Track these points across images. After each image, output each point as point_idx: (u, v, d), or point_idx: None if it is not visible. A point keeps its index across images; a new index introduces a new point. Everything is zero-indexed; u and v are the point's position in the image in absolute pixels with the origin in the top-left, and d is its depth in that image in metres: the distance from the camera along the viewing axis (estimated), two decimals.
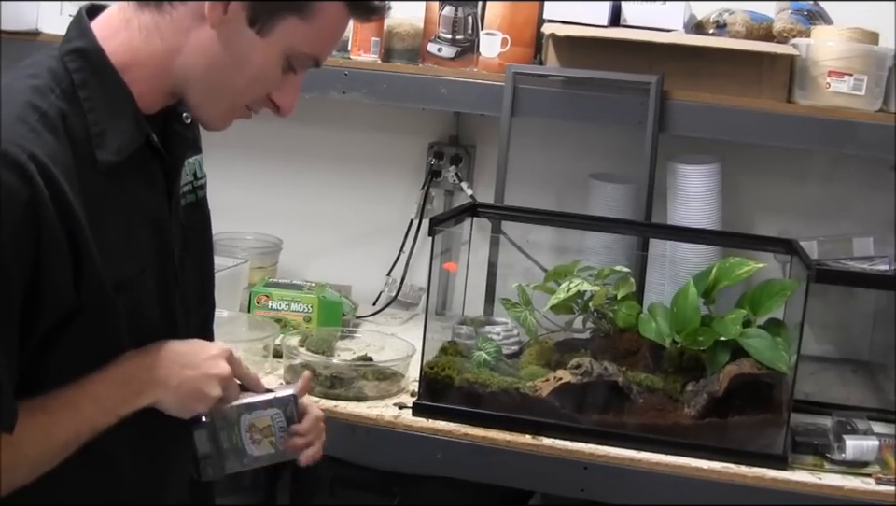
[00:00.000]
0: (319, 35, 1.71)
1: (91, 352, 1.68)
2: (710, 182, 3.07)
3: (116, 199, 1.69)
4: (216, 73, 1.70)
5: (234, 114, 1.79)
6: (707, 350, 2.58)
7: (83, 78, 1.66)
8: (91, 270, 1.61)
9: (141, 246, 1.76)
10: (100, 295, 1.64)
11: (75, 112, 1.64)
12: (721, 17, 3.09)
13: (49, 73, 1.66)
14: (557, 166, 3.46)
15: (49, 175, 1.54)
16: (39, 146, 1.55)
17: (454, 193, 3.58)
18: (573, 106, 3.01)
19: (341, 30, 1.77)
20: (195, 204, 1.97)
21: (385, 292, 3.59)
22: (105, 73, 1.68)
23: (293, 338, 2.91)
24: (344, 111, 3.54)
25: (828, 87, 2.90)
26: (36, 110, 1.59)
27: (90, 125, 1.65)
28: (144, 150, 1.74)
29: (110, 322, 1.68)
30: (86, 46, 1.69)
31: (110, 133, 1.66)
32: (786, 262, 2.92)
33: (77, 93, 1.65)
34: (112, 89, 1.69)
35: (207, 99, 1.74)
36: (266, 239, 3.59)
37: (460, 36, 3.16)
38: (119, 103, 1.69)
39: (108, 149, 1.66)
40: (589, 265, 2.82)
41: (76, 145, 1.62)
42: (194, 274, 1.95)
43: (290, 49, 1.70)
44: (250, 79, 1.71)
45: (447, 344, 2.81)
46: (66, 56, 1.68)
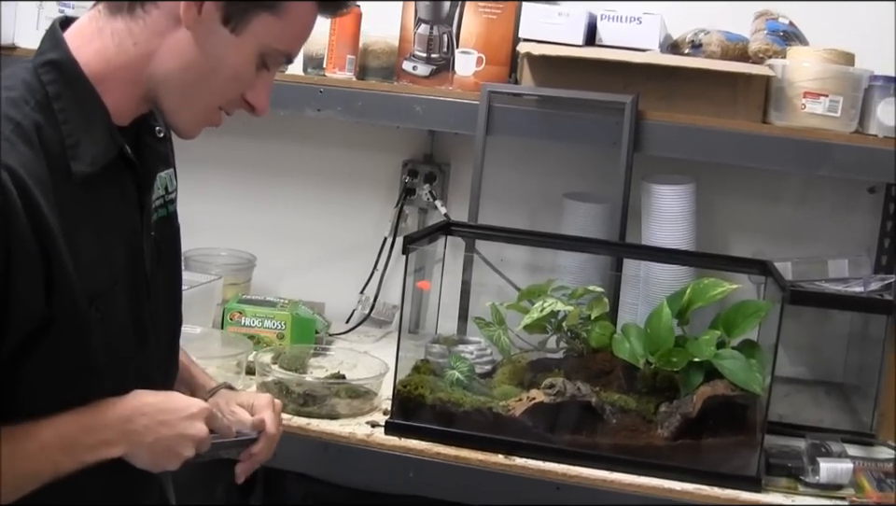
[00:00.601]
0: (291, 30, 1.73)
1: (63, 366, 1.67)
2: (685, 202, 3.07)
3: (90, 211, 1.68)
4: (191, 75, 1.70)
5: (207, 119, 1.78)
6: (680, 371, 2.58)
7: (57, 90, 1.66)
8: (64, 282, 1.60)
9: (114, 259, 1.75)
10: (72, 307, 1.63)
11: (49, 123, 1.64)
12: (696, 37, 3.09)
13: (23, 85, 1.66)
14: (532, 185, 3.46)
15: (23, 186, 1.53)
16: (13, 156, 1.55)
17: (427, 211, 3.58)
18: (548, 126, 3.01)
19: (310, 25, 1.78)
20: (166, 218, 1.97)
21: (358, 310, 3.57)
22: (78, 84, 1.68)
23: (266, 355, 2.90)
24: (319, 128, 3.54)
25: (803, 108, 2.89)
26: (11, 121, 1.59)
27: (64, 136, 1.65)
28: (117, 162, 1.74)
29: (83, 335, 1.67)
30: (59, 58, 1.69)
31: (84, 144, 1.66)
32: (760, 283, 2.92)
33: (51, 105, 1.65)
34: (86, 100, 1.69)
35: (182, 103, 1.74)
36: (240, 255, 3.59)
37: (435, 55, 3.16)
38: (93, 114, 1.69)
39: (83, 161, 1.66)
40: (563, 285, 2.82)
41: (50, 156, 1.61)
42: (165, 288, 1.95)
43: (264, 45, 1.71)
44: (226, 79, 1.72)
45: (420, 363, 2.80)
46: (40, 68, 1.68)
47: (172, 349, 2.01)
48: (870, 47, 3.07)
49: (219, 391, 2.12)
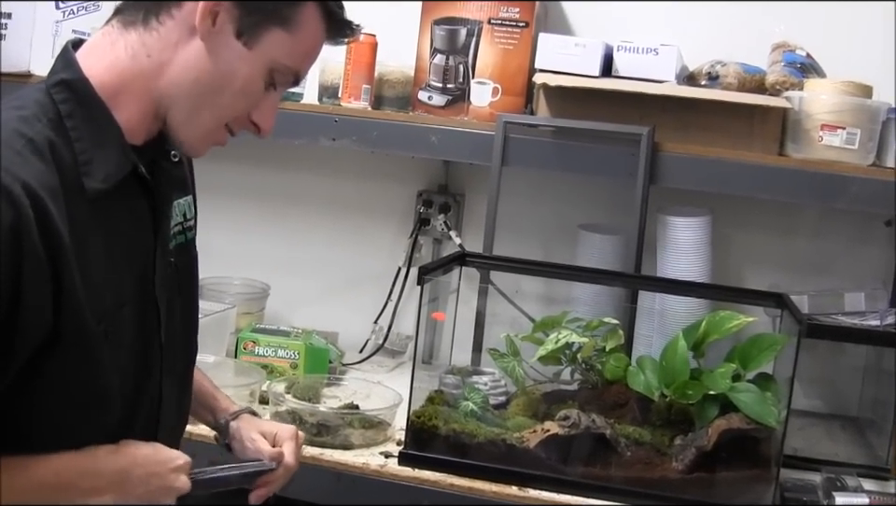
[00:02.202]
0: (302, 47, 1.75)
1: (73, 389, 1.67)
2: (700, 234, 3.05)
3: (101, 230, 1.68)
4: (202, 87, 1.71)
5: (214, 136, 1.79)
6: (695, 404, 2.57)
7: (69, 109, 1.68)
8: (72, 297, 1.60)
9: (123, 281, 1.75)
10: (80, 325, 1.63)
11: (62, 141, 1.64)
12: (713, 68, 3.09)
13: (35, 104, 1.67)
14: (547, 216, 3.45)
15: (36, 199, 1.54)
16: (26, 170, 1.55)
17: (442, 242, 3.58)
18: (563, 157, 3.00)
19: (319, 46, 1.80)
20: (184, 245, 1.98)
21: (371, 340, 3.57)
22: (90, 103, 1.69)
23: (279, 384, 2.89)
24: (334, 158, 3.54)
25: (820, 140, 2.88)
26: (23, 137, 1.60)
27: (77, 154, 1.65)
28: (131, 184, 1.75)
29: (90, 355, 1.67)
30: (71, 77, 1.70)
31: (97, 161, 1.67)
32: (776, 316, 2.91)
33: (63, 123, 1.66)
34: (98, 118, 1.70)
35: (190, 117, 1.74)
36: (253, 284, 3.58)
37: (451, 85, 3.16)
38: (106, 132, 1.70)
39: (95, 177, 1.66)
40: (577, 316, 2.81)
41: (63, 172, 1.62)
42: (181, 315, 1.95)
43: (274, 61, 1.73)
44: (235, 93, 1.73)
45: (434, 394, 2.79)
46: (52, 88, 1.69)
47: (185, 379, 2.01)
48: (888, 79, 3.08)
49: (242, 416, 2.14)
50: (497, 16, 3.11)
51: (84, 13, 3.36)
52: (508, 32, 3.10)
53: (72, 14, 3.34)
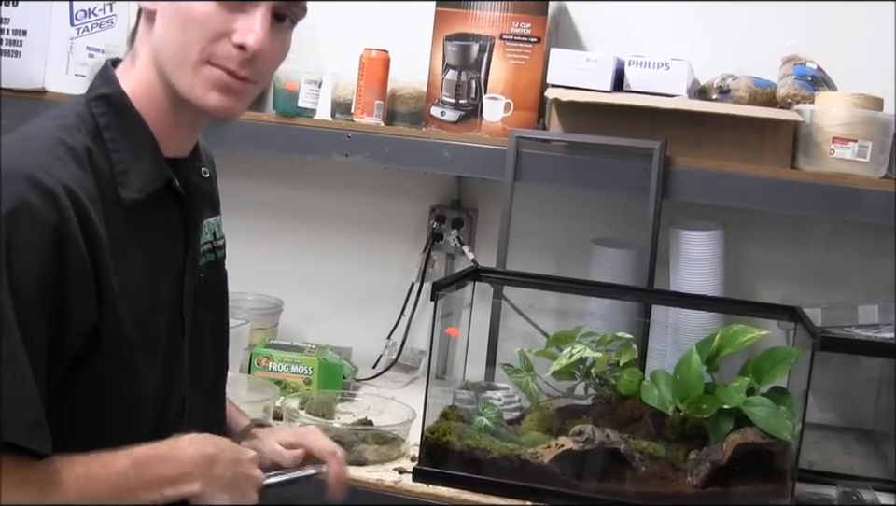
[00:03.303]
0: None
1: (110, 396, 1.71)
2: (713, 248, 3.05)
3: (136, 239, 1.74)
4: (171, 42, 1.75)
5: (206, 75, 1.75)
6: (710, 418, 2.56)
7: (107, 122, 1.75)
8: (111, 303, 1.65)
9: (157, 292, 1.79)
10: (118, 330, 1.68)
11: (100, 151, 1.72)
12: (724, 82, 3.09)
13: (75, 115, 1.75)
14: (560, 231, 3.45)
15: (78, 202, 1.61)
16: (67, 175, 1.62)
17: (455, 257, 3.58)
18: (576, 171, 3.01)
19: None
20: (214, 264, 2.03)
21: (385, 355, 3.57)
22: (127, 116, 1.77)
23: (293, 400, 2.89)
24: (347, 173, 3.55)
25: (832, 153, 2.88)
26: (63, 144, 1.67)
27: (114, 164, 1.72)
28: (165, 196, 1.80)
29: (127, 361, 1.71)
30: (110, 92, 1.78)
31: (133, 171, 1.74)
32: (790, 330, 2.90)
33: (101, 135, 1.74)
34: (135, 131, 1.77)
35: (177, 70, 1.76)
36: (267, 300, 3.59)
37: (463, 100, 3.16)
38: (142, 144, 1.77)
39: (131, 187, 1.73)
40: (591, 331, 2.81)
41: (101, 180, 1.69)
42: (210, 332, 1.99)
43: None
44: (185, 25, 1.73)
45: (448, 409, 2.79)
46: (92, 102, 1.77)
47: (216, 394, 2.03)
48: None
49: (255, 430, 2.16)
50: (508, 31, 3.12)
51: (98, 30, 3.37)
52: (520, 47, 3.11)
53: (86, 31, 3.35)
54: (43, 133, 1.68)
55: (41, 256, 1.55)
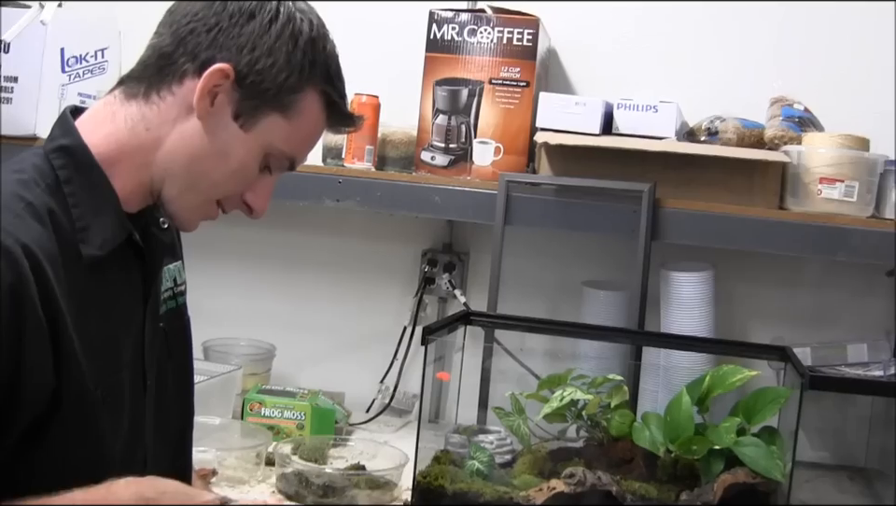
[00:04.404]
0: (299, 135, 1.77)
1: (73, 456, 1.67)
2: (703, 289, 3.07)
3: (97, 296, 1.70)
4: (197, 164, 1.73)
5: (206, 211, 1.80)
6: (701, 459, 2.56)
7: (67, 175, 1.70)
8: (71, 363, 1.62)
9: (120, 347, 1.77)
10: (79, 390, 1.64)
11: (59, 206, 1.66)
12: (712, 124, 3.11)
13: (33, 168, 1.69)
14: (551, 274, 3.46)
15: (36, 262, 1.56)
16: (26, 233, 1.57)
17: (447, 300, 3.58)
18: (566, 214, 3.02)
19: (317, 135, 1.82)
20: (175, 311, 2.01)
21: (378, 399, 3.56)
22: (89, 169, 1.71)
23: (286, 446, 2.88)
24: (339, 218, 3.56)
25: (819, 193, 2.91)
26: (22, 200, 1.62)
27: (74, 219, 1.67)
28: (124, 251, 1.76)
29: (90, 421, 1.68)
30: (70, 143, 1.72)
31: (94, 228, 1.69)
32: (780, 369, 2.91)
33: (61, 189, 1.68)
34: (96, 185, 1.72)
35: (184, 192, 1.76)
36: (259, 345, 3.59)
37: (453, 145, 3.18)
38: (103, 199, 1.72)
39: (92, 244, 1.68)
40: (582, 374, 2.81)
41: (61, 237, 1.64)
42: (174, 380, 1.97)
43: (270, 146, 1.75)
44: (229, 173, 1.74)
45: (440, 453, 2.79)
46: (51, 154, 1.72)
47: (181, 442, 2.02)
48: (885, 131, 3.10)
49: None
50: (497, 76, 3.14)
51: (90, 76, 3.39)
52: (509, 91, 3.13)
53: (77, 77, 3.37)
54: (1, 189, 1.64)
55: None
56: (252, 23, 1.70)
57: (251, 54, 1.69)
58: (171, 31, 1.73)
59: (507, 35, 3.12)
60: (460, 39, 3.15)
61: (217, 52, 1.69)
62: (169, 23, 1.74)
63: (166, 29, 1.74)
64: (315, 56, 1.74)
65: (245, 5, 1.71)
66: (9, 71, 3.29)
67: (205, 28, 1.70)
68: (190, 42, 1.71)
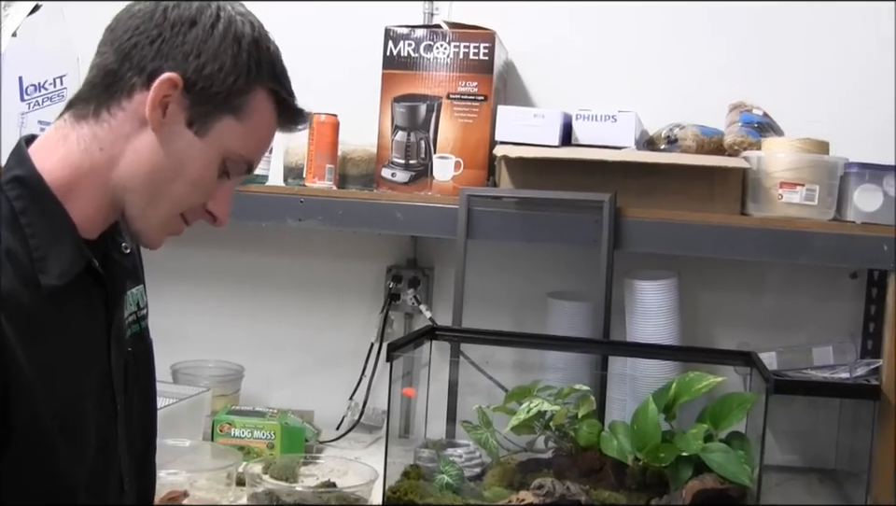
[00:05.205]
0: (254, 136, 1.76)
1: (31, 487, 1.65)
2: (668, 297, 3.08)
3: (57, 326, 1.68)
4: (156, 177, 1.72)
5: (170, 226, 1.79)
6: (669, 466, 2.58)
7: (23, 206, 1.67)
8: (23, 394, 1.59)
9: (82, 376, 1.75)
10: (33, 420, 1.62)
11: (16, 239, 1.64)
12: (671, 132, 3.12)
13: None
14: (515, 286, 3.47)
15: None
16: None
17: (413, 316, 3.58)
18: (528, 227, 3.02)
19: (271, 135, 1.82)
20: (139, 335, 1.99)
21: (348, 416, 3.56)
22: (44, 199, 1.69)
23: (256, 465, 2.88)
24: (302, 238, 3.56)
25: (780, 198, 2.92)
26: None
27: (31, 250, 1.65)
28: (84, 278, 1.74)
29: (47, 452, 1.66)
30: (24, 174, 1.70)
31: (51, 257, 1.67)
32: (746, 375, 2.92)
33: (18, 220, 1.66)
34: (52, 215, 1.70)
35: (146, 208, 1.74)
36: (228, 367, 3.58)
37: (413, 161, 3.18)
38: (60, 228, 1.70)
39: (51, 274, 1.66)
40: (549, 385, 2.82)
41: (18, 269, 1.62)
42: (139, 406, 1.96)
43: (227, 150, 1.74)
44: (188, 183, 1.73)
45: (410, 468, 2.80)
46: (6, 185, 1.69)
47: (144, 461, 2.01)
48: (844, 134, 3.11)
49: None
50: (455, 91, 3.14)
51: (49, 104, 3.37)
52: (467, 106, 3.14)
53: (37, 105, 3.35)
54: None
55: None
56: (195, 30, 1.69)
57: (197, 60, 1.69)
58: (114, 48, 1.72)
59: (463, 50, 3.13)
60: (417, 55, 3.16)
61: (164, 62, 1.68)
62: (111, 41, 1.73)
63: (108, 47, 1.73)
64: (261, 56, 1.73)
65: (185, 13, 1.70)
66: None
67: (148, 40, 1.69)
68: (135, 56, 1.70)
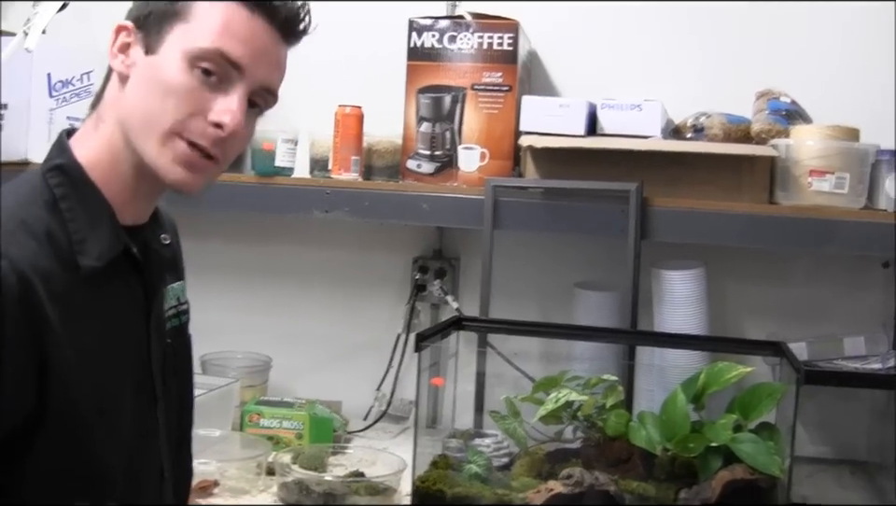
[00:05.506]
0: (208, 27, 1.73)
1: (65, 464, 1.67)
2: (695, 287, 3.06)
3: (97, 310, 1.72)
4: (146, 110, 1.74)
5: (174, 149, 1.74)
6: (698, 456, 2.56)
7: (63, 192, 1.73)
8: (61, 375, 1.62)
9: (120, 360, 1.78)
10: (71, 402, 1.64)
11: (56, 223, 1.69)
12: (697, 121, 3.10)
13: (31, 188, 1.73)
14: (542, 276, 3.46)
15: (22, 277, 1.57)
16: (16, 249, 1.59)
17: (440, 306, 3.59)
18: (554, 217, 3.02)
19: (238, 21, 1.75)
20: (178, 329, 2.01)
21: (375, 407, 3.57)
22: (82, 185, 1.75)
23: (286, 455, 2.89)
24: (328, 230, 3.56)
25: (810, 186, 2.89)
26: (15, 217, 1.65)
27: (71, 233, 1.70)
28: (123, 265, 1.78)
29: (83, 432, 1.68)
30: (64, 162, 1.76)
31: (90, 240, 1.71)
32: (775, 365, 2.90)
33: (58, 205, 1.72)
34: (90, 199, 1.75)
35: (148, 142, 1.74)
36: (256, 358, 3.59)
37: (439, 152, 3.18)
38: (98, 213, 1.75)
39: (90, 255, 1.70)
40: (576, 375, 2.81)
41: (58, 252, 1.66)
42: (177, 398, 1.98)
43: (186, 50, 1.72)
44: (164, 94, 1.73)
45: (438, 458, 2.80)
46: (47, 173, 1.75)
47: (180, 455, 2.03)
48: (875, 121, 3.08)
49: None
50: (480, 81, 3.14)
51: (76, 99, 3.39)
52: (492, 96, 3.13)
53: (65, 101, 3.37)
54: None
55: None
56: None
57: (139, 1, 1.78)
58: None
59: (487, 41, 3.13)
60: (441, 46, 3.16)
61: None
62: None
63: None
64: None
65: None
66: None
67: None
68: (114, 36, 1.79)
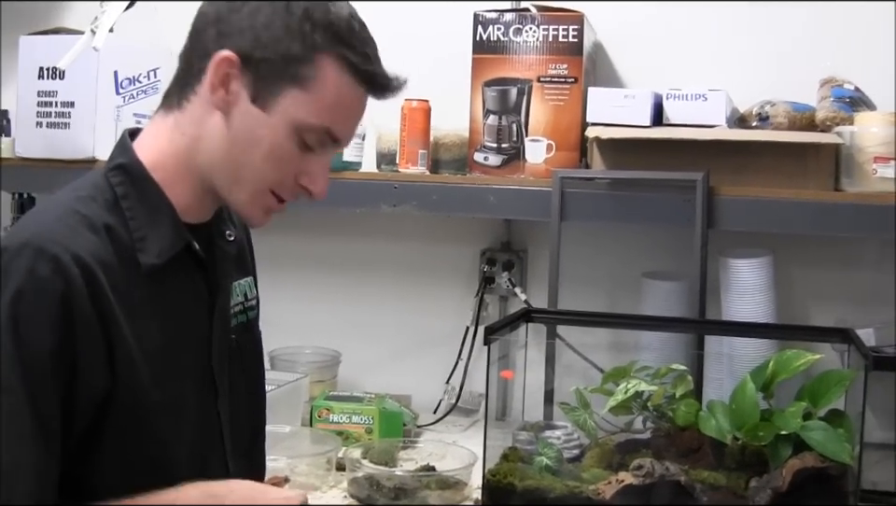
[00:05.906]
0: (323, 103, 1.73)
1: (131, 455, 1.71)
2: (763, 275, 3.06)
3: (158, 305, 1.75)
4: (232, 155, 1.75)
5: (263, 202, 1.79)
6: (768, 445, 2.56)
7: (124, 191, 1.76)
8: (127, 366, 1.66)
9: (182, 355, 1.81)
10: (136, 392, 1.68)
11: (117, 221, 1.73)
12: (762, 109, 3.10)
13: (93, 187, 1.77)
14: (609, 267, 3.47)
15: (86, 268, 1.61)
16: (78, 243, 1.63)
17: (508, 299, 3.60)
18: (621, 207, 3.03)
19: (349, 101, 1.77)
20: (246, 325, 2.02)
21: (444, 400, 3.59)
22: (144, 184, 1.77)
23: (355, 450, 2.91)
24: (396, 223, 3.58)
25: (874, 173, 2.89)
26: (76, 213, 1.68)
27: (132, 231, 1.73)
28: (187, 261, 1.81)
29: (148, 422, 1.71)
30: (126, 161, 1.79)
31: (151, 238, 1.74)
32: (843, 352, 2.89)
33: (119, 204, 1.75)
34: (151, 198, 1.77)
35: (231, 186, 1.78)
36: (325, 352, 3.62)
37: (506, 144, 3.20)
38: (159, 211, 1.77)
39: (150, 253, 1.73)
40: (646, 365, 2.81)
41: (119, 249, 1.70)
42: (245, 393, 1.99)
43: (297, 121, 1.73)
44: (264, 157, 1.74)
45: (508, 451, 2.80)
46: (109, 172, 1.79)
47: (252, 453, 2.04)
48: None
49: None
50: (545, 73, 3.15)
51: (143, 97, 3.43)
52: (557, 88, 3.15)
53: (132, 98, 3.41)
54: (58, 205, 1.71)
55: (50, 328, 1.57)
56: (248, 6, 1.72)
57: (251, 33, 1.71)
58: (188, 37, 1.79)
59: (552, 33, 3.14)
60: (506, 39, 3.18)
61: (225, 42, 1.71)
62: (189, 31, 1.79)
63: (187, 37, 1.79)
64: (317, 21, 1.71)
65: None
66: (66, 97, 3.35)
67: (209, 23, 1.74)
68: (200, 41, 1.75)
